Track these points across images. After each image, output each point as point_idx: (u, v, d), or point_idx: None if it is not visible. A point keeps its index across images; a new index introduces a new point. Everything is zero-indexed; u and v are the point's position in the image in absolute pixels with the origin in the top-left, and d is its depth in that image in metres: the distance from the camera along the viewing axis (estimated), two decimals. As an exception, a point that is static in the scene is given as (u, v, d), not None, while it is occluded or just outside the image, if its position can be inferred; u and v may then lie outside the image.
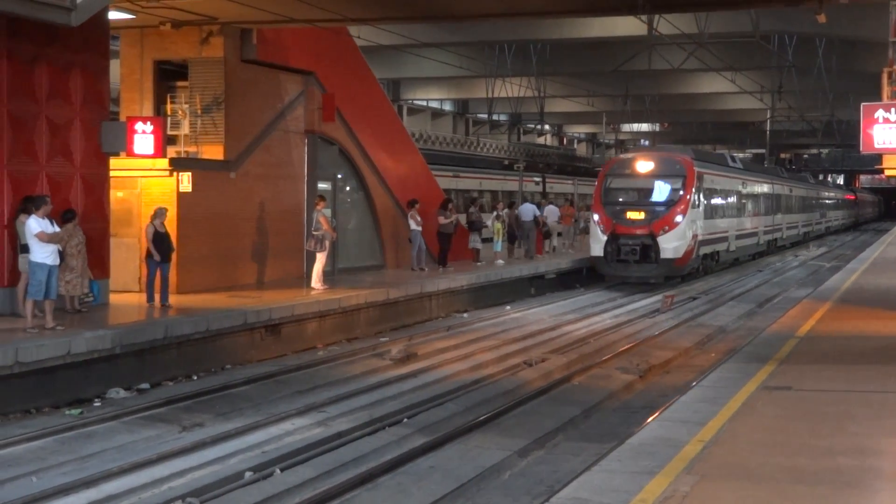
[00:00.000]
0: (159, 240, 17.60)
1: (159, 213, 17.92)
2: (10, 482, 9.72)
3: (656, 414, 10.26)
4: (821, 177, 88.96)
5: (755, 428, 9.14)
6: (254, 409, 13.02)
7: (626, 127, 78.35)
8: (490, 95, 51.53)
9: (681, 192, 29.52)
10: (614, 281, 29.57)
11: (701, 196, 30.81)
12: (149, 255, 17.62)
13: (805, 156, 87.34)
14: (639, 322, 22.00)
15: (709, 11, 31.62)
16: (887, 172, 18.96)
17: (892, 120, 16.01)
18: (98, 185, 17.84)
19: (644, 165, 30.46)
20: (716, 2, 23.06)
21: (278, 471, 10.20)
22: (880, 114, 16.20)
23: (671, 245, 28.40)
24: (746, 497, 6.96)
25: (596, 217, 29.91)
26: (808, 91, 49.01)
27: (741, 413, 9.73)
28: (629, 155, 30.80)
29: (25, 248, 14.93)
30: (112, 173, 18.59)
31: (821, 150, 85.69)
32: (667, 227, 28.55)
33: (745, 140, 77.00)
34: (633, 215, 29.41)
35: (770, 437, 8.78)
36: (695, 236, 29.61)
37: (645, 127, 79.67)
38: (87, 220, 16.56)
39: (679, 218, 28.82)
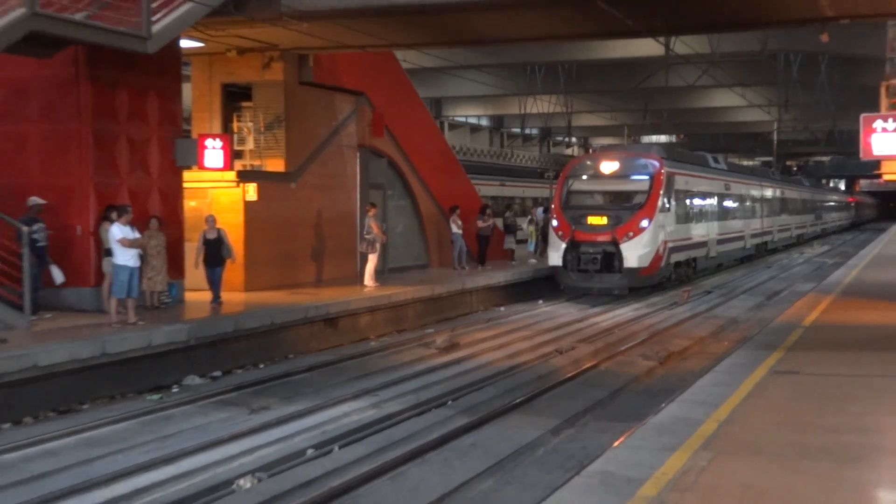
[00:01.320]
0: (207, 245, 17.51)
1: (208, 221, 17.80)
2: (100, 459, 9.89)
3: (676, 396, 10.21)
4: (824, 181, 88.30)
5: (765, 409, 9.10)
6: (314, 394, 13.12)
7: (646, 138, 77.92)
8: (522, 112, 51.68)
9: (648, 195, 24.09)
10: (574, 293, 24.54)
11: (672, 198, 25.31)
12: (205, 257, 17.53)
13: (810, 163, 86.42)
14: (658, 314, 21.89)
15: (720, 33, 31.37)
16: (885, 177, 18.83)
17: (890, 129, 16.01)
18: (173, 195, 18.01)
19: (608, 166, 25.04)
20: (726, 24, 22.82)
21: (337, 448, 10.28)
22: (878, 124, 16.18)
23: (636, 253, 23.22)
24: (758, 470, 6.94)
25: (555, 223, 24.63)
26: (811, 104, 48.57)
27: (752, 395, 9.69)
28: (593, 155, 26.07)
29: (109, 252, 15.14)
30: (185, 185, 18.76)
31: (824, 158, 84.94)
32: (631, 233, 23.31)
33: (754, 149, 76.40)
34: (594, 221, 24.00)
35: (779, 416, 8.75)
36: (664, 243, 24.34)
37: (663, 138, 79.05)
38: (164, 226, 16.67)
39: (645, 223, 23.51)
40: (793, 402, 9.36)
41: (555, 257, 24.22)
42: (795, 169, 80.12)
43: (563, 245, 23.78)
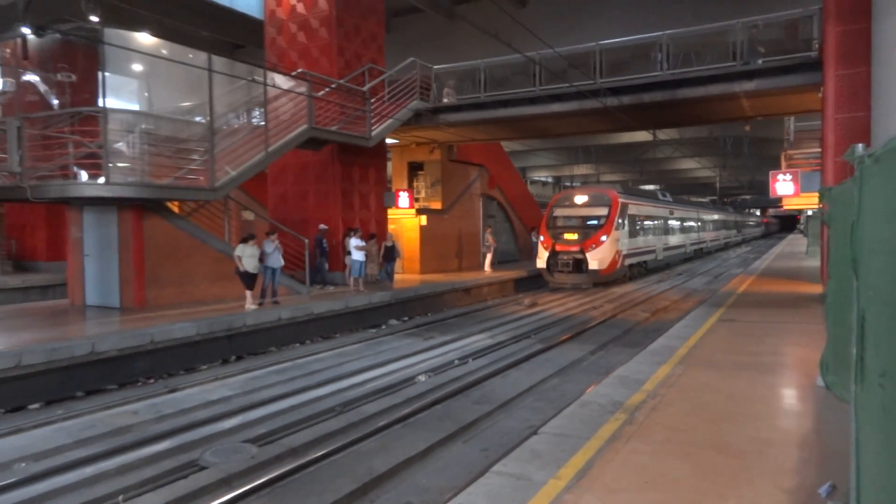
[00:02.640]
0: (386, 250, 16.99)
1: (388, 236, 17.27)
2: (346, 363, 10.12)
3: (661, 334, 9.91)
4: (747, 210, 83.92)
5: (715, 341, 8.74)
6: (458, 330, 13.18)
7: (643, 186, 75.76)
8: (571, 174, 50.79)
9: (606, 218, 20.94)
10: (554, 286, 21.07)
11: (626, 220, 21.85)
12: (384, 256, 16.93)
13: (738, 199, 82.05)
14: (649, 287, 21.21)
15: (684, 126, 30.36)
16: (785, 206, 18.21)
17: (787, 180, 15.69)
18: (382, 222, 18.36)
19: (580, 198, 21.85)
20: (688, 122, 22.14)
21: (471, 360, 10.32)
22: (780, 176, 15.96)
23: (597, 258, 20.30)
24: (711, 376, 6.69)
25: (541, 238, 21.29)
26: (739, 165, 46.40)
27: (707, 333, 9.32)
28: (570, 191, 23.01)
29: (349, 253, 15.47)
30: (389, 215, 19.11)
31: (747, 196, 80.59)
32: (594, 245, 20.44)
33: (705, 192, 72.95)
34: (569, 236, 20.90)
35: (724, 345, 8.38)
36: (618, 251, 21.09)
37: (651, 187, 76.56)
38: (377, 239, 16.99)
39: (604, 237, 20.54)
40: (731, 337, 8.97)
41: (540, 262, 21.12)
42: (729, 203, 76.04)
43: (546, 254, 20.87)
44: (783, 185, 15.72)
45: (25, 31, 10.35)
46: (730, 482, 4.10)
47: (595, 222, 21.06)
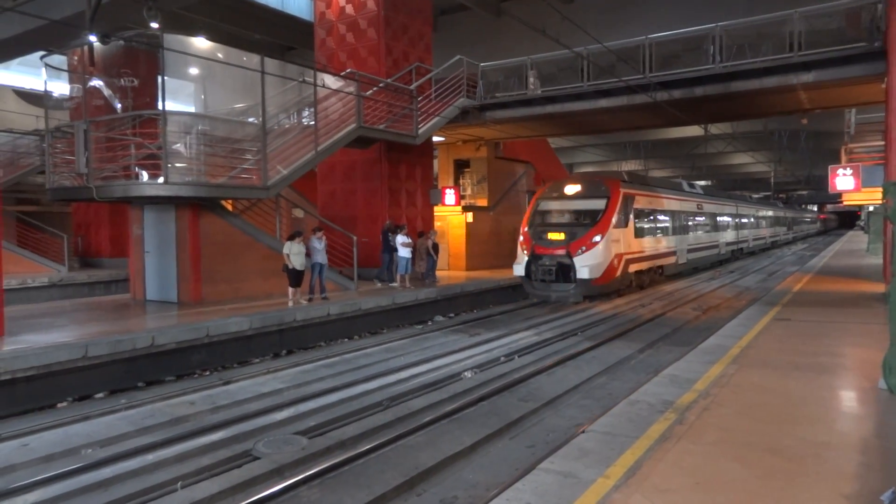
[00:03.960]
0: (433, 248, 16.66)
1: (431, 233, 16.70)
2: (393, 359, 10.21)
3: (713, 332, 9.66)
4: (803, 206, 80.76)
5: (770, 340, 8.46)
6: (504, 327, 13.13)
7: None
8: (619, 170, 49.87)
9: (602, 213, 16.33)
10: (536, 298, 16.66)
11: (630, 216, 17.23)
12: (428, 254, 16.56)
13: (794, 195, 79.03)
14: (701, 284, 20.66)
15: (738, 121, 29.41)
16: (845, 202, 17.42)
17: (847, 174, 15.05)
18: (429, 219, 18.45)
19: (571, 189, 17.26)
20: (742, 116, 21.38)
21: (517, 357, 10.27)
22: (840, 171, 15.20)
23: (587, 264, 15.56)
24: (765, 376, 6.49)
25: (520, 238, 16.90)
26: (795, 160, 44.75)
27: (761, 333, 9.03)
28: (560, 180, 18.29)
29: (395, 250, 15.51)
30: (436, 213, 19.16)
31: (804, 192, 77.61)
32: (584, 248, 15.72)
33: (758, 188, 70.55)
34: (553, 236, 16.21)
35: (778, 345, 8.11)
36: (619, 255, 16.43)
37: (701, 182, 74.45)
38: (424, 236, 17.09)
39: (598, 238, 15.83)
40: (787, 336, 8.67)
41: (518, 268, 16.50)
42: (784, 198, 73.21)
43: (526, 257, 16.33)
44: (843, 179, 15.10)
45: (92, 39, 10.80)
46: (786, 486, 3.96)
47: (588, 218, 16.45)
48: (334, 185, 17.30)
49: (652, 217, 19.40)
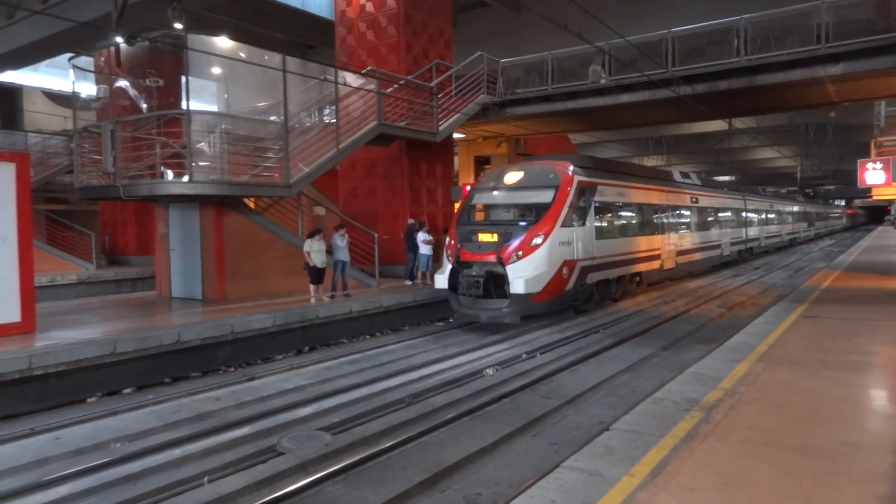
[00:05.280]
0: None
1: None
2: (414, 356, 10.20)
3: (739, 330, 9.52)
4: (831, 200, 79.12)
5: (797, 338, 8.31)
6: (525, 324, 12.95)
7: (715, 178, 72.62)
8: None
9: (547, 207, 12.23)
10: (464, 319, 12.72)
11: (588, 211, 13.01)
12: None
13: (821, 189, 77.52)
14: (725, 281, 20.36)
15: (763, 115, 28.92)
16: (875, 197, 17.04)
17: (877, 168, 14.76)
18: (449, 216, 18.34)
19: (512, 177, 13.27)
20: (767, 110, 21.05)
21: (538, 354, 10.22)
22: (869, 165, 14.95)
23: (523, 275, 11.48)
24: (793, 375, 6.37)
25: (447, 240, 12.91)
26: (822, 154, 43.87)
27: (788, 330, 8.88)
28: (501, 166, 15.04)
29: (417, 247, 15.39)
30: (456, 209, 19.07)
31: (830, 187, 76.08)
32: (521, 253, 11.64)
33: (784, 183, 69.34)
34: (483, 238, 12.08)
35: (806, 343, 7.97)
36: (570, 262, 12.33)
37: (725, 178, 73.32)
38: (446, 234, 17.06)
39: (539, 240, 11.75)
40: (815, 334, 8.51)
41: (440, 280, 12.45)
42: (811, 194, 71.81)
43: (450, 266, 12.37)
44: (873, 173, 14.80)
45: (118, 40, 10.96)
46: (816, 486, 3.89)
47: (530, 214, 12.46)
48: (355, 182, 17.35)
49: (622, 213, 15.25)
